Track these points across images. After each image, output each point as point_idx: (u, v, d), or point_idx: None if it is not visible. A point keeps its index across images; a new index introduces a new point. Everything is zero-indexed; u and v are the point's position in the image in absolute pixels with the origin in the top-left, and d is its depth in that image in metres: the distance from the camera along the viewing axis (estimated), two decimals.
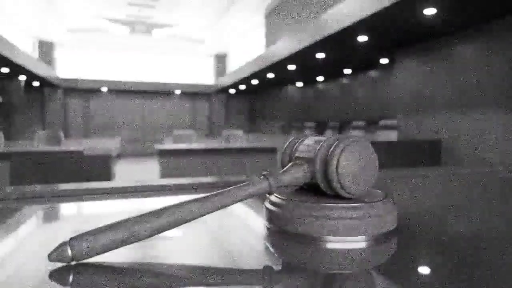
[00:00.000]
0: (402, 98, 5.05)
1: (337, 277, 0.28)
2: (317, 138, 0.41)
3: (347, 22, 4.02)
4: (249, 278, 0.28)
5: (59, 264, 0.29)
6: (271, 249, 0.36)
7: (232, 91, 12.69)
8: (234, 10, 9.42)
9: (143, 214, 0.31)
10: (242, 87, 11.25)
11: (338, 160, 0.36)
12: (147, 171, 8.05)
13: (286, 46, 5.90)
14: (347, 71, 7.19)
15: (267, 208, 0.40)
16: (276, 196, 0.40)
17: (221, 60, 14.02)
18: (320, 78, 8.28)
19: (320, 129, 7.96)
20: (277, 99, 11.00)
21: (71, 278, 0.27)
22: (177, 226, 0.32)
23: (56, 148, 4.10)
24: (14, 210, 0.52)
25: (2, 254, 0.33)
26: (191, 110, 13.55)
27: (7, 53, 6.21)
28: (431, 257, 0.32)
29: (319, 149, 0.38)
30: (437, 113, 4.48)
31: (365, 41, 4.74)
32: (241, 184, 0.36)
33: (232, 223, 0.44)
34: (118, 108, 12.72)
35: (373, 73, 6.59)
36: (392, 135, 5.06)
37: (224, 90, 12.39)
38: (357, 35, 4.44)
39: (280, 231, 0.38)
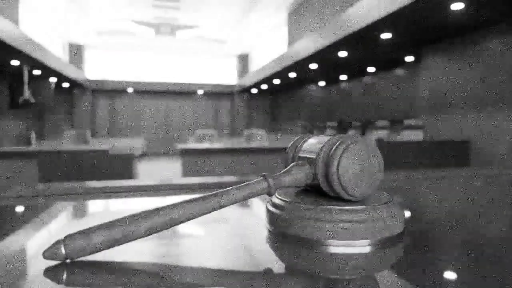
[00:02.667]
0: (428, 97, 4.89)
1: (336, 282, 0.27)
2: (320, 138, 0.40)
3: (370, 19, 3.94)
4: (248, 280, 0.27)
5: (56, 262, 0.30)
6: (272, 252, 0.35)
7: (254, 90, 12.70)
8: (256, 10, 9.43)
9: (137, 214, 0.31)
10: (264, 86, 11.24)
11: (339, 161, 0.34)
12: (170, 170, 8.19)
13: (308, 45, 5.84)
14: (371, 69, 7.04)
15: (268, 210, 0.39)
16: (278, 198, 0.39)
17: (243, 60, 14.07)
18: (343, 77, 8.15)
19: (342, 129, 7.84)
20: (299, 98, 10.92)
21: (64, 275, 0.28)
22: (172, 226, 0.32)
23: (82, 147, 4.24)
24: (42, 206, 0.53)
25: (9, 250, 0.34)
26: (214, 110, 13.68)
27: (39, 56, 6.49)
28: (437, 265, 0.30)
29: (321, 149, 0.36)
30: (465, 112, 4.31)
31: (389, 39, 4.62)
32: (240, 185, 0.35)
33: (233, 225, 0.43)
34: (143, 108, 13.03)
35: (397, 72, 6.42)
36: (417, 135, 4.91)
37: (246, 90, 12.42)
38: (381, 33, 4.34)
39: (281, 234, 0.37)
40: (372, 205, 0.35)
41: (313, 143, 0.39)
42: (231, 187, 0.35)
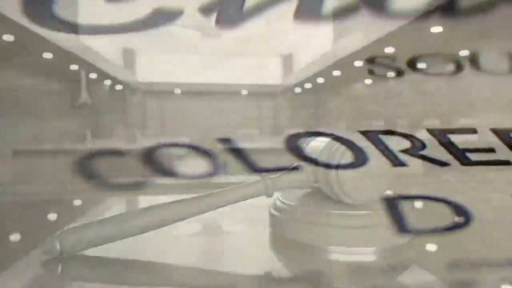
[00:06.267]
0: (485, 95, 4.54)
1: None
2: (325, 138, 0.38)
3: (418, 11, 3.74)
4: (247, 283, 0.27)
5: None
6: (271, 255, 0.35)
7: (298, 90, 12.65)
8: None
9: (131, 212, 0.32)
10: (308, 86, 11.13)
11: (338, 162, 0.33)
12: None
13: (353, 42, 5.69)
14: (420, 65, 6.69)
15: (269, 212, 0.38)
16: (279, 200, 0.38)
17: (287, 59, 14.06)
18: (390, 74, 7.84)
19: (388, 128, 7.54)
20: (344, 97, 10.67)
21: (59, 270, 0.29)
22: (165, 225, 0.32)
23: (131, 146, 4.48)
24: (91, 201, 0.57)
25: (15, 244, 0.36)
26: (257, 110, 13.82)
27: (94, 61, 6.98)
28: (441, 279, 0.28)
29: (322, 150, 0.35)
30: None
31: (439, 32, 4.35)
32: (237, 185, 0.35)
33: (233, 226, 0.43)
34: (189, 109, 13.50)
35: (450, 67, 6.03)
36: (472, 136, 4.58)
37: (289, 89, 12.40)
38: (431, 26, 4.10)
39: (282, 238, 0.36)
40: (376, 210, 0.33)
41: (317, 144, 0.38)
42: (227, 188, 0.35)
